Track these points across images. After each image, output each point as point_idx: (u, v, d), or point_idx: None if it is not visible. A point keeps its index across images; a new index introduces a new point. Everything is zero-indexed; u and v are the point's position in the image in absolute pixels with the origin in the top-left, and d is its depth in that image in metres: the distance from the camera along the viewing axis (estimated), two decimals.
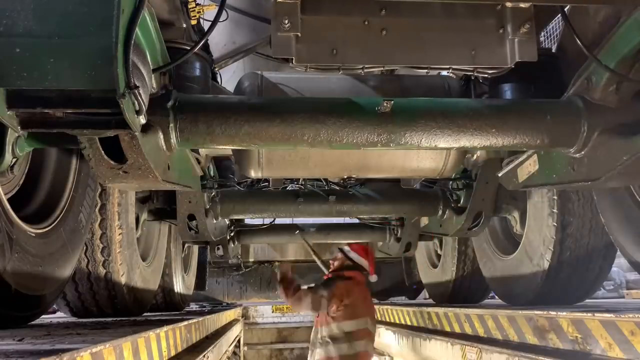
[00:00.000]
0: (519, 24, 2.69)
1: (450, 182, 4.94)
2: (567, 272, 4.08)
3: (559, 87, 3.01)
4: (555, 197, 4.04)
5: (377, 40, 2.74)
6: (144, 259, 4.54)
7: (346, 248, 5.33)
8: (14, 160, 2.45)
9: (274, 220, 7.04)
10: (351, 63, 2.80)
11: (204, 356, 3.78)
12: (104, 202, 3.69)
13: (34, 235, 2.67)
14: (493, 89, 3.30)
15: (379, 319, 6.94)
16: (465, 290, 6.25)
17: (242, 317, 9.37)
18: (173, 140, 2.58)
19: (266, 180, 4.79)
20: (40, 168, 2.98)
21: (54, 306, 3.98)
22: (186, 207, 4.53)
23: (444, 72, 3.15)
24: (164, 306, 5.84)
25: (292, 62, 2.71)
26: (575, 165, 2.92)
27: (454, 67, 2.88)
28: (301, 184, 5.13)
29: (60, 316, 4.38)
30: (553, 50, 3.51)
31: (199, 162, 3.45)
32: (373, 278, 5.28)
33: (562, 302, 4.10)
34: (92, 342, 1.81)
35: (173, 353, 3.05)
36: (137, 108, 1.94)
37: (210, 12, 2.87)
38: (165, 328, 2.85)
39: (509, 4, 2.69)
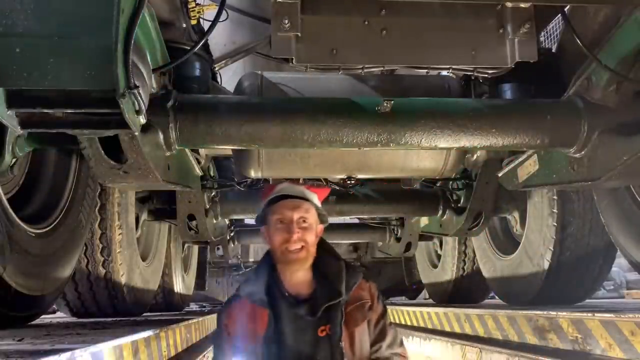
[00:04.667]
0: (519, 24, 2.69)
1: (450, 182, 4.94)
2: (567, 272, 4.08)
3: (559, 87, 3.01)
4: (555, 197, 4.04)
5: (377, 40, 2.74)
6: (143, 259, 4.54)
7: None
8: (14, 160, 2.45)
9: None
10: (351, 63, 2.80)
11: (203, 356, 3.78)
12: (104, 202, 3.69)
13: (34, 235, 2.67)
14: (493, 89, 3.30)
15: None
16: (465, 290, 6.24)
17: None
18: (173, 140, 2.58)
19: (266, 180, 4.78)
20: (40, 168, 2.98)
21: (54, 306, 3.98)
22: (186, 207, 4.53)
23: (444, 72, 3.15)
24: (164, 306, 5.84)
25: (292, 62, 2.71)
26: (575, 165, 2.91)
27: (454, 67, 2.88)
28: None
29: (60, 316, 4.38)
30: (553, 50, 3.51)
31: (199, 162, 3.45)
32: None
33: (562, 302, 4.10)
34: (92, 342, 1.81)
35: (173, 353, 3.05)
36: (137, 108, 1.94)
37: (210, 12, 2.87)
38: (165, 328, 2.85)
39: (509, 4, 2.69)
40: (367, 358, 1.82)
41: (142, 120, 2.12)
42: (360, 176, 4.07)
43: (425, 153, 3.78)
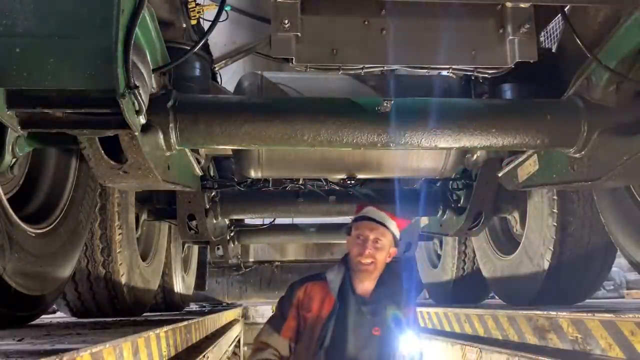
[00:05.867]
0: (519, 24, 2.69)
1: (450, 182, 4.94)
2: (567, 272, 4.08)
3: (559, 87, 3.01)
4: (555, 197, 4.04)
5: (377, 40, 2.74)
6: (144, 259, 4.54)
7: None
8: (14, 160, 2.45)
9: (274, 220, 7.03)
10: (351, 63, 2.80)
11: (204, 356, 3.78)
12: (104, 202, 3.69)
13: (34, 235, 2.67)
14: (493, 89, 3.30)
15: None
16: (465, 290, 6.24)
17: (242, 317, 9.37)
18: (173, 140, 2.58)
19: (266, 180, 4.78)
20: (40, 168, 2.98)
21: (54, 306, 3.97)
22: (186, 207, 4.53)
23: (444, 72, 3.15)
24: (164, 306, 5.84)
25: (292, 62, 2.71)
26: (575, 165, 2.91)
27: (454, 67, 2.88)
28: (301, 184, 5.12)
29: (60, 316, 4.37)
30: (553, 50, 3.51)
31: (199, 162, 3.44)
32: None
33: (562, 302, 4.10)
34: (92, 342, 1.81)
35: (173, 353, 3.05)
36: (137, 108, 1.94)
37: (210, 12, 2.87)
38: (165, 328, 2.85)
39: (509, 4, 2.69)
40: None
41: (142, 120, 2.12)
42: (360, 176, 4.07)
43: (425, 153, 3.78)
